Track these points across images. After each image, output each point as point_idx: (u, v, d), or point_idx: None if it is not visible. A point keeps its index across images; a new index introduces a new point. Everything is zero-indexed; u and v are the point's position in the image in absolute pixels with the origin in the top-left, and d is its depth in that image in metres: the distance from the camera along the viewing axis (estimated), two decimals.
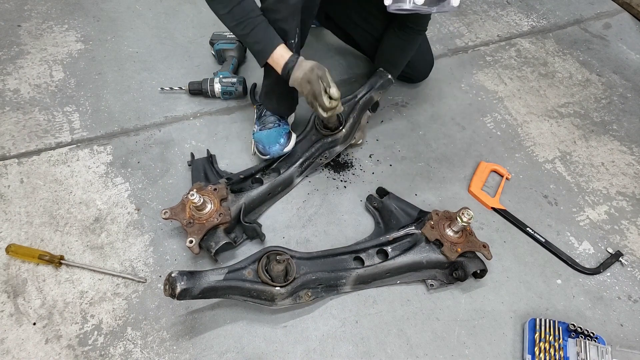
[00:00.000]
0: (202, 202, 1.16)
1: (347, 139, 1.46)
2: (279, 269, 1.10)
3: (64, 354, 1.09)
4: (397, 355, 1.13)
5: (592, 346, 1.11)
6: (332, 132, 1.42)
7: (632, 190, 1.52)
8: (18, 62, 1.72)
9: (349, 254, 1.24)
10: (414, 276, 1.23)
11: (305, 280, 1.13)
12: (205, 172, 1.37)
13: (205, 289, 1.04)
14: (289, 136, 1.40)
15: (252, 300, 1.11)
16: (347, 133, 1.44)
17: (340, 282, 1.19)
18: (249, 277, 1.10)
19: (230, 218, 1.21)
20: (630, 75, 1.90)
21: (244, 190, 1.32)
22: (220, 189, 1.24)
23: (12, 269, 1.21)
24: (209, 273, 1.06)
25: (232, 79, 1.61)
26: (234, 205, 1.25)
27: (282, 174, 1.38)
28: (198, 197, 1.14)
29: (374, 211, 1.37)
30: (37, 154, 1.46)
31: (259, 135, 1.39)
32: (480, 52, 1.94)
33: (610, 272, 1.32)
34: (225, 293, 1.08)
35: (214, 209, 1.20)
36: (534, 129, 1.67)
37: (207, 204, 1.19)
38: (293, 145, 1.41)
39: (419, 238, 1.23)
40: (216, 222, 1.19)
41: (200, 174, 1.36)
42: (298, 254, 1.18)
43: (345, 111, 1.44)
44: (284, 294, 1.10)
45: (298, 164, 1.40)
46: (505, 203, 1.44)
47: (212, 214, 1.19)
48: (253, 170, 1.39)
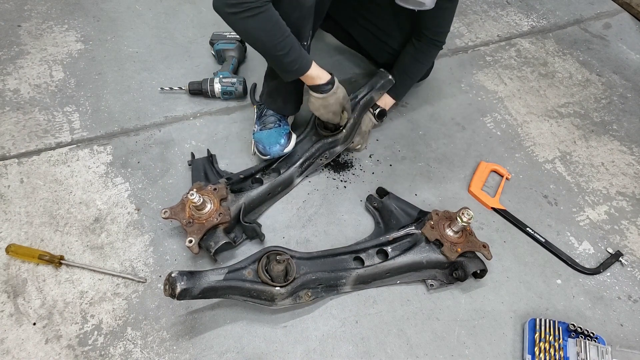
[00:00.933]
0: (201, 202, 1.16)
1: (348, 140, 1.47)
2: (279, 269, 1.09)
3: (64, 354, 1.09)
4: (397, 355, 1.13)
5: (592, 346, 1.11)
6: (332, 132, 1.42)
7: (632, 190, 1.52)
8: (18, 62, 1.72)
9: (349, 254, 1.24)
10: (414, 276, 1.23)
11: (305, 280, 1.13)
12: (205, 171, 1.37)
13: (205, 289, 1.03)
14: (289, 136, 1.40)
15: (252, 300, 1.11)
16: (347, 133, 1.44)
17: (340, 282, 1.19)
18: (249, 277, 1.10)
19: (229, 218, 1.21)
20: (630, 75, 1.90)
21: (244, 190, 1.32)
22: (220, 188, 1.24)
23: (12, 269, 1.21)
24: (209, 273, 1.06)
25: (232, 79, 1.61)
26: (233, 205, 1.25)
27: (282, 174, 1.38)
28: (198, 197, 1.14)
29: (374, 211, 1.37)
30: (37, 154, 1.46)
31: (260, 135, 1.39)
32: (480, 52, 1.94)
33: (610, 272, 1.32)
34: (225, 293, 1.08)
35: (213, 209, 1.20)
36: (534, 129, 1.67)
37: (206, 204, 1.19)
38: (293, 145, 1.41)
39: (419, 238, 1.24)
40: (216, 221, 1.19)
41: (200, 174, 1.36)
42: (298, 254, 1.18)
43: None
44: (284, 294, 1.10)
45: (298, 164, 1.40)
46: (505, 203, 1.44)
47: (212, 213, 1.19)
48: (253, 170, 1.39)
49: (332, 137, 1.42)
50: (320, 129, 1.43)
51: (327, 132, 1.42)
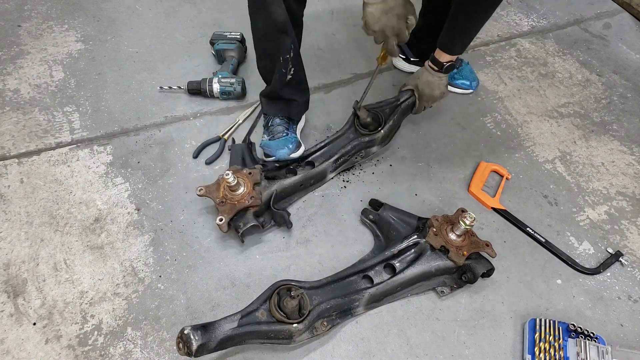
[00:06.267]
0: (236, 183, 1.19)
1: (385, 141, 1.45)
2: (292, 305, 1.04)
3: (64, 354, 1.09)
4: (397, 355, 1.13)
5: (592, 346, 1.11)
6: (370, 132, 1.41)
7: (632, 190, 1.52)
8: (18, 62, 1.72)
9: (357, 274, 1.20)
10: (424, 286, 1.21)
11: (320, 311, 1.09)
12: (243, 156, 1.39)
13: (222, 340, 0.98)
14: (298, 145, 1.38)
15: (270, 342, 1.06)
16: (386, 135, 1.43)
17: (353, 305, 1.16)
18: (263, 318, 1.04)
19: (260, 202, 1.23)
20: (630, 75, 1.90)
21: (278, 178, 1.34)
22: (254, 173, 1.27)
23: (12, 269, 1.21)
24: (222, 322, 1.01)
25: (231, 79, 1.61)
26: (266, 190, 1.28)
27: (316, 167, 1.39)
28: (233, 177, 1.17)
29: (371, 225, 1.35)
30: (37, 154, 1.46)
31: (267, 143, 1.38)
32: (480, 52, 1.94)
33: (610, 272, 1.32)
34: (242, 340, 1.03)
35: (246, 192, 1.23)
36: (534, 129, 1.67)
37: (240, 186, 1.22)
38: (301, 153, 1.39)
39: (424, 247, 1.21)
40: (247, 204, 1.21)
41: (238, 158, 1.38)
42: (308, 284, 1.13)
43: (387, 113, 1.44)
44: (302, 330, 1.05)
45: (333, 160, 1.40)
46: (505, 203, 1.44)
47: (244, 196, 1.22)
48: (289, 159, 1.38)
49: (369, 136, 1.41)
50: (359, 128, 1.42)
51: (365, 131, 1.41)
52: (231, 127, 1.56)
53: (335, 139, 1.45)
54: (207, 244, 1.29)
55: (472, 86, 1.73)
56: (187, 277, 1.23)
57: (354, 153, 1.44)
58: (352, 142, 1.42)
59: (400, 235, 1.27)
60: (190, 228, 1.32)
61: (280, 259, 1.28)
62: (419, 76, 1.41)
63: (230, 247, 1.29)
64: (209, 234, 1.31)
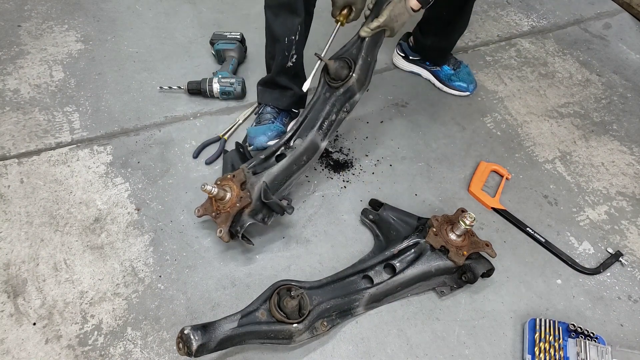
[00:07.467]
0: (217, 192, 1.16)
1: (364, 84, 1.30)
2: (292, 305, 1.04)
3: (64, 354, 1.09)
4: (397, 355, 1.13)
5: (592, 346, 1.11)
6: (343, 80, 1.26)
7: (632, 190, 1.52)
8: (18, 62, 1.72)
9: (357, 274, 1.20)
10: (424, 286, 1.21)
11: (320, 311, 1.09)
12: (232, 163, 1.35)
13: (222, 340, 0.98)
14: (280, 135, 1.34)
15: (270, 342, 1.06)
16: (361, 76, 1.26)
17: (353, 305, 1.16)
18: (263, 318, 1.04)
19: (250, 200, 1.19)
20: (630, 75, 1.90)
21: (266, 169, 1.27)
22: (237, 174, 1.23)
23: (12, 269, 1.21)
24: (222, 322, 1.01)
25: (231, 79, 1.61)
26: (255, 186, 1.22)
27: (303, 142, 1.29)
28: (210, 187, 1.15)
29: (371, 225, 1.34)
30: (37, 154, 1.46)
31: (249, 130, 1.41)
32: (480, 52, 1.94)
33: (610, 272, 1.32)
34: (241, 340, 1.03)
35: (234, 195, 1.20)
36: (534, 129, 1.67)
37: (226, 192, 1.19)
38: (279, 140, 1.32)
39: (424, 247, 1.21)
40: (239, 207, 1.18)
41: (228, 166, 1.36)
42: (308, 284, 1.13)
43: (354, 53, 1.28)
44: (302, 330, 1.05)
45: (317, 127, 1.29)
46: (505, 203, 1.44)
47: (233, 200, 1.20)
48: (274, 147, 1.31)
49: (343, 86, 1.26)
50: (329, 81, 1.29)
51: (338, 82, 1.27)
52: (231, 127, 1.56)
53: (312, 106, 1.32)
54: (207, 244, 1.29)
55: (470, 89, 1.73)
56: (187, 277, 1.23)
57: (337, 111, 1.31)
58: (330, 100, 1.29)
59: (400, 235, 1.27)
60: (190, 228, 1.32)
61: (280, 259, 1.28)
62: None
63: (231, 247, 1.29)
64: (209, 234, 1.31)
